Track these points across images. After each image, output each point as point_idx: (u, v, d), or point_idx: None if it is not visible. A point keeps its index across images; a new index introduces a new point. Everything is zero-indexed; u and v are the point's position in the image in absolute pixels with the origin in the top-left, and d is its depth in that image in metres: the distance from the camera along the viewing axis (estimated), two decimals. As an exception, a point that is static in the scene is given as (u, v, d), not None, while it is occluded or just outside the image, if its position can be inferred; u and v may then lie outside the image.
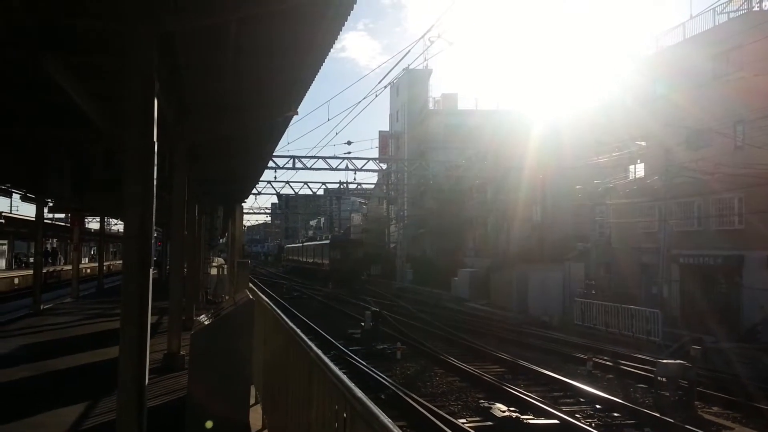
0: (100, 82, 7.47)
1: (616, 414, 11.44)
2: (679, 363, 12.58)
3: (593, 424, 10.68)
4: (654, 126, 26.88)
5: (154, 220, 4.92)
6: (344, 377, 2.80)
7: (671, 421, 10.65)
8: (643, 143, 27.49)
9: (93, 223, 41.61)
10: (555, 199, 35.29)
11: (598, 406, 11.92)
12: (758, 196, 22.83)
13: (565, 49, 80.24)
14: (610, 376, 15.21)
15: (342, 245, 51.16)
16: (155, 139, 4.88)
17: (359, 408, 2.41)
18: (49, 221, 39.08)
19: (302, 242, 71.08)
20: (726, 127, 24.11)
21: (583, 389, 12.97)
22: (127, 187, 4.80)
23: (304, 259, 61.90)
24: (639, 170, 29.85)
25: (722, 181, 23.10)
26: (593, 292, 27.04)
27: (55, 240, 45.44)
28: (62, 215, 40.64)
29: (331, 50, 6.94)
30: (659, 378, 12.42)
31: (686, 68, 27.03)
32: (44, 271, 34.71)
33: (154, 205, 4.91)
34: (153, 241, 5.09)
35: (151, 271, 4.90)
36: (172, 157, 10.31)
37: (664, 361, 12.93)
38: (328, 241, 53.24)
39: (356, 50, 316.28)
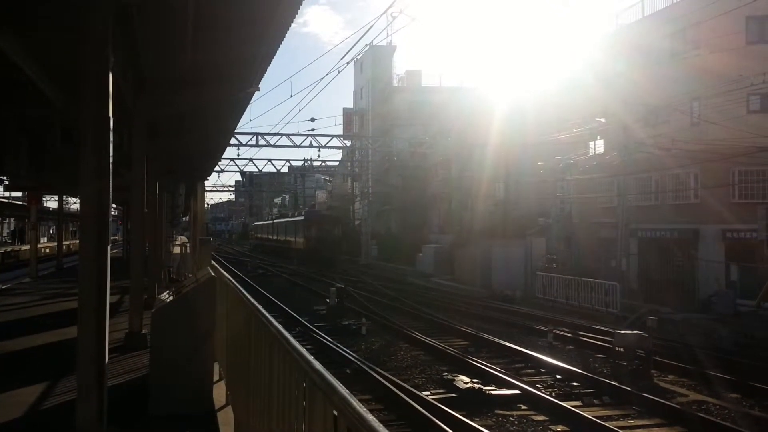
0: (55, 57, 7.27)
1: (575, 383, 11.75)
2: (637, 333, 12.93)
3: (553, 394, 10.96)
4: (613, 103, 27.26)
5: (111, 197, 4.84)
6: (304, 351, 2.82)
7: (628, 389, 10.98)
8: (602, 120, 27.88)
9: (51, 202, 40.65)
10: (518, 176, 35.64)
11: (558, 376, 12.22)
12: (713, 172, 23.46)
13: (530, 26, 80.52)
14: (570, 347, 15.58)
15: (318, 222, 46.77)
16: (111, 113, 4.79)
17: (318, 380, 2.44)
18: (6, 200, 38.11)
19: (272, 219, 66.89)
20: (683, 104, 24.59)
21: (543, 360, 13.28)
22: (83, 163, 4.72)
23: (275, 238, 58.69)
24: (599, 146, 30.30)
25: (678, 157, 23.63)
26: (554, 266, 27.52)
27: (12, 219, 44.31)
28: (19, 194, 39.63)
29: (293, 25, 6.88)
30: (617, 348, 12.74)
31: (645, 46, 27.40)
32: (2, 251, 33.95)
33: (111, 182, 4.83)
34: (110, 219, 5.03)
35: (109, 250, 4.84)
36: (131, 133, 10.12)
37: (622, 331, 13.26)
38: (302, 218, 48.90)
39: (318, 25, 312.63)
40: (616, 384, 11.41)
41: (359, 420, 1.93)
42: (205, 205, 62.51)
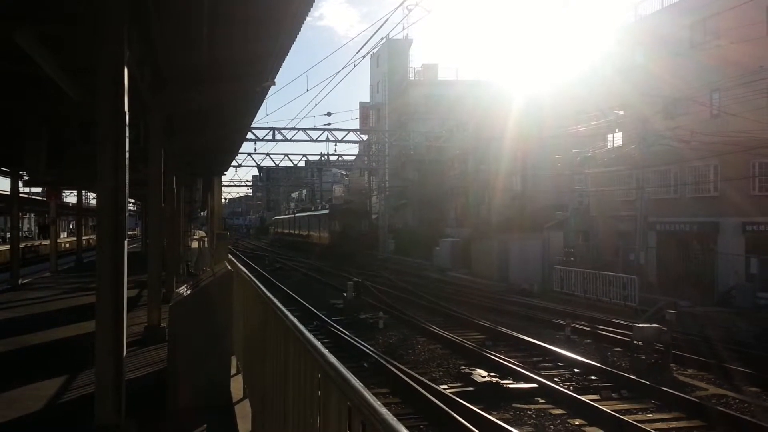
0: (72, 51, 7.31)
1: (593, 377, 11.69)
2: (655, 327, 12.82)
3: (571, 388, 10.90)
4: (632, 95, 27.00)
5: (127, 192, 4.87)
6: (318, 344, 2.82)
7: (647, 383, 10.90)
8: (621, 112, 27.62)
9: (71, 197, 41.13)
10: (535, 169, 35.45)
11: (576, 370, 12.16)
12: (733, 164, 23.16)
13: (547, 17, 79.83)
14: (588, 340, 15.49)
15: (343, 216, 44.73)
16: (127, 109, 4.81)
17: (332, 373, 2.44)
18: (26, 195, 38.56)
19: (294, 213, 65.12)
20: (702, 96, 24.27)
21: (561, 354, 13.21)
22: (100, 158, 4.74)
23: (296, 232, 57.13)
24: (617, 139, 30.03)
25: (698, 149, 23.34)
26: (572, 259, 27.36)
27: (32, 215, 44.89)
28: (38, 189, 40.14)
29: (308, 18, 6.86)
30: (635, 342, 12.65)
31: (664, 37, 27.09)
32: (22, 245, 34.37)
33: (128, 177, 4.86)
34: (127, 213, 5.06)
35: (126, 244, 4.87)
36: (148, 129, 10.17)
37: (641, 325, 13.17)
38: (326, 211, 47.00)
39: (334, 18, 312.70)
40: (634, 378, 11.33)
41: (373, 413, 1.92)
42: (223, 200, 62.83)
